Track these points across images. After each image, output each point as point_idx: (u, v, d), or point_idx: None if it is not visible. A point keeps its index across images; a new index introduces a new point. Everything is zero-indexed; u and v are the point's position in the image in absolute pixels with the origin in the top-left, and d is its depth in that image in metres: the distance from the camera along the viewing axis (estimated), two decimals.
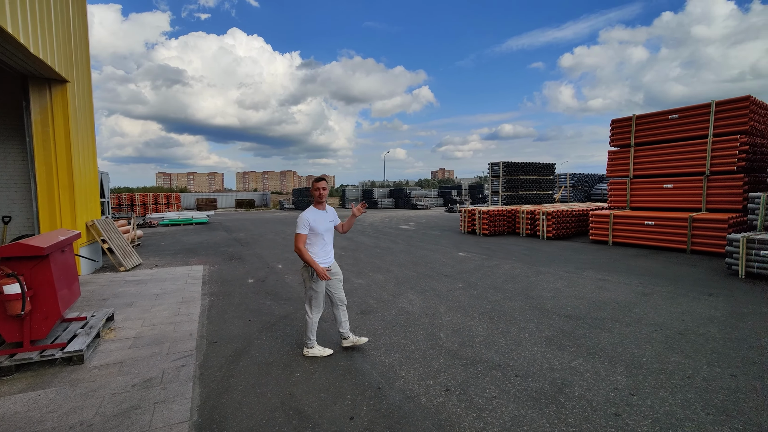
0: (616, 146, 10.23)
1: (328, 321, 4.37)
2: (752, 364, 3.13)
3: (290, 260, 8.27)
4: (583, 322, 4.19)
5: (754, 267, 5.93)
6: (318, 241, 3.28)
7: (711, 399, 2.63)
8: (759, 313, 4.32)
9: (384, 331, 4.01)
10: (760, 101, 8.21)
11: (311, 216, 3.27)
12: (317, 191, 3.29)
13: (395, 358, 3.37)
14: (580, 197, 22.53)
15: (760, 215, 6.73)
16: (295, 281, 6.32)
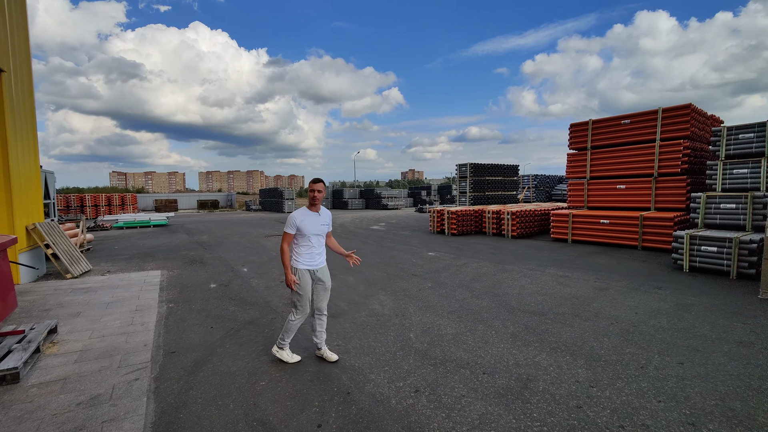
0: (575, 149, 10.76)
1: None
2: (696, 351, 3.37)
3: (256, 263, 7.99)
4: (545, 317, 4.34)
5: (696, 261, 6.43)
6: (304, 242, 3.18)
7: (662, 387, 2.80)
8: (701, 304, 4.68)
9: (354, 334, 3.95)
10: (699, 109, 8.95)
11: (300, 216, 3.16)
12: (312, 193, 3.20)
13: (365, 361, 3.32)
14: (542, 197, 23.56)
15: (701, 214, 7.33)
16: (261, 285, 6.10)
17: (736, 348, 3.42)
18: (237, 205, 40.33)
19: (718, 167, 7.43)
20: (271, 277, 6.62)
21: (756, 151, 7.06)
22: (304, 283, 3.14)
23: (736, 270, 5.96)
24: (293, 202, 29.57)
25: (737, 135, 7.28)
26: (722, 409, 2.50)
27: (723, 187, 7.39)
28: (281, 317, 4.52)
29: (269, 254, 9.13)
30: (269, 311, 4.76)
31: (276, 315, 4.61)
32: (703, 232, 6.60)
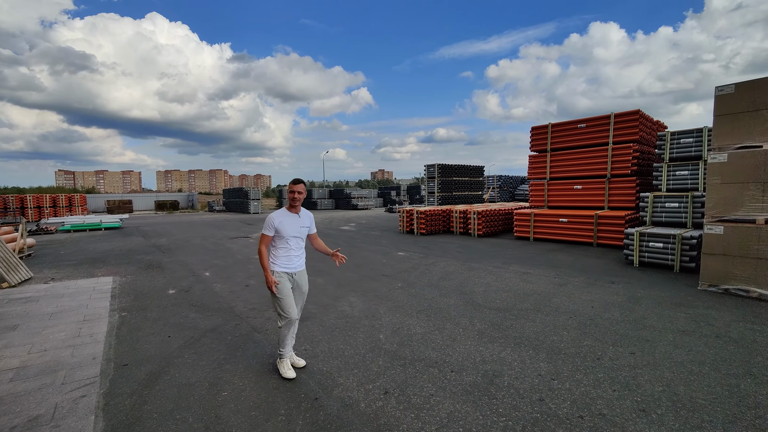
0: (536, 151, 11.24)
1: (262, 332, 4.11)
2: (646, 341, 3.61)
3: (220, 267, 7.66)
4: (510, 313, 4.48)
5: (645, 257, 6.91)
6: (282, 244, 3.06)
7: (616, 376, 2.97)
8: (650, 297, 5.03)
9: (323, 338, 3.88)
10: (646, 115, 9.63)
11: (279, 217, 3.04)
12: (292, 194, 3.07)
13: (334, 365, 3.27)
14: (506, 197, 24.44)
15: (649, 212, 7.90)
16: (225, 290, 5.85)
17: (679, 336, 3.70)
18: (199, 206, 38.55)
19: (663, 169, 8.04)
20: (235, 282, 6.36)
21: (695, 155, 7.71)
22: (283, 286, 3.01)
23: (680, 264, 6.47)
24: (259, 203, 28.71)
25: (679, 140, 7.91)
26: (668, 395, 2.69)
27: (668, 188, 8.00)
28: (246, 323, 4.35)
29: (234, 257, 8.79)
30: (233, 317, 4.57)
31: (240, 321, 4.43)
32: (650, 229, 7.11)
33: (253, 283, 6.24)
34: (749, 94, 4.92)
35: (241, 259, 8.44)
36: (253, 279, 6.51)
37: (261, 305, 5.00)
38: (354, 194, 33.44)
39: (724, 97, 5.12)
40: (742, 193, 4.93)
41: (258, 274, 6.86)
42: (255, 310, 4.82)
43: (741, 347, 3.42)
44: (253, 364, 3.33)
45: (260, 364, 3.31)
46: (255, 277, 6.62)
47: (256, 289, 5.86)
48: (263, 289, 5.80)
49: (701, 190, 7.45)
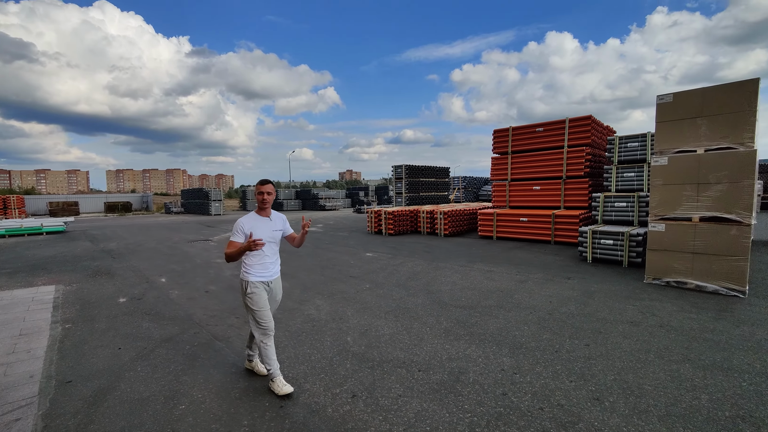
0: (498, 153, 11.66)
1: (223, 340, 3.93)
2: (599, 333, 3.84)
3: (177, 272, 7.25)
4: (474, 311, 4.61)
5: (597, 253, 7.37)
6: (256, 252, 2.84)
7: (573, 368, 3.13)
8: (602, 291, 5.37)
9: (289, 343, 3.77)
10: (598, 120, 10.29)
11: (249, 222, 2.83)
12: (261, 195, 2.85)
13: (300, 371, 3.19)
14: (471, 198, 25.16)
15: (600, 211, 8.43)
16: (182, 296, 5.54)
17: (628, 327, 3.97)
18: (154, 208, 36.35)
19: (613, 171, 8.62)
20: (194, 287, 6.05)
21: (640, 158, 8.33)
22: (257, 297, 2.80)
23: (628, 259, 6.96)
24: (221, 204, 27.55)
25: (626, 144, 8.52)
26: (619, 383, 2.88)
27: (617, 188, 8.59)
28: (206, 331, 4.15)
29: (193, 262, 8.36)
30: (191, 325, 4.33)
31: (200, 329, 4.21)
32: (601, 227, 7.59)
33: (214, 288, 5.97)
34: (685, 103, 5.39)
35: (201, 264, 8.05)
36: (214, 284, 6.22)
37: (222, 312, 4.79)
38: (322, 195, 33.00)
39: (664, 106, 5.57)
40: (680, 194, 5.39)
41: (219, 279, 6.57)
42: (216, 317, 4.61)
43: (681, 335, 3.73)
44: (214, 374, 3.17)
45: (222, 374, 3.16)
46: (216, 282, 6.33)
47: (217, 294, 5.60)
48: (225, 295, 5.56)
49: (646, 191, 8.06)
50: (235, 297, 5.42)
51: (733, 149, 4.99)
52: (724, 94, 5.08)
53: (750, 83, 4.91)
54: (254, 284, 2.82)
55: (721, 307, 4.53)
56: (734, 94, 5.00)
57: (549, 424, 2.41)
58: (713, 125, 5.14)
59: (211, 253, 9.44)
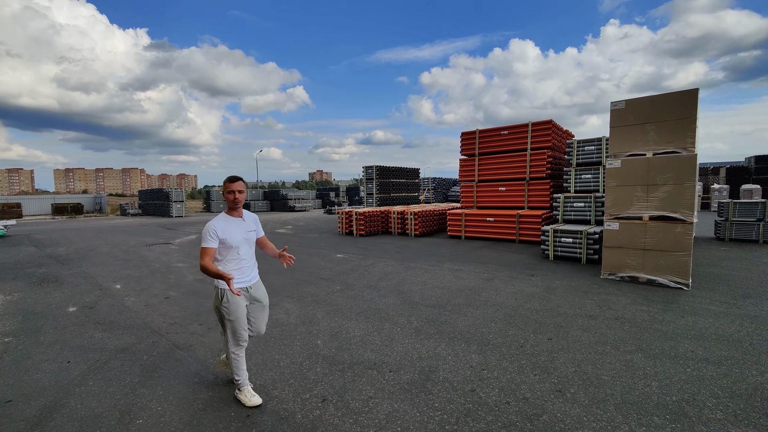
0: (465, 155, 11.95)
1: (185, 348, 3.74)
2: (560, 327, 4.03)
3: (134, 278, 6.83)
4: (444, 309, 4.68)
5: (558, 251, 7.74)
6: (231, 256, 2.63)
7: (537, 362, 3.26)
8: (563, 287, 5.63)
9: (256, 349, 3.65)
10: (558, 124, 10.81)
11: (221, 225, 2.59)
12: (232, 194, 2.61)
13: (268, 377, 3.09)
14: (440, 198, 25.63)
15: (560, 211, 8.86)
16: (139, 303, 5.22)
17: (587, 321, 4.20)
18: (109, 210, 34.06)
19: (572, 173, 9.08)
20: (152, 294, 5.72)
21: (596, 160, 8.83)
22: (235, 307, 2.61)
23: (586, 256, 7.36)
24: (183, 205, 26.29)
25: (584, 147, 9.01)
26: (579, 374, 3.03)
27: (575, 189, 9.06)
28: (166, 340, 3.93)
29: (151, 266, 7.90)
30: (150, 334, 4.09)
31: (159, 338, 3.98)
32: (562, 226, 7.98)
33: (175, 294, 5.67)
34: (636, 109, 5.79)
35: (160, 268, 7.63)
36: (174, 290, 5.92)
37: (184, 319, 4.56)
38: (291, 195, 32.34)
39: (617, 112, 5.95)
40: (631, 194, 5.77)
41: (181, 284, 6.25)
42: (176, 324, 4.38)
43: (634, 326, 3.99)
44: (175, 385, 3.01)
45: (184, 385, 3.00)
46: (176, 288, 6.02)
47: (177, 301, 5.33)
48: (186, 301, 5.30)
49: (601, 192, 8.56)
50: (198, 303, 5.18)
51: (678, 153, 5.41)
52: (669, 102, 5.49)
53: (690, 93, 5.35)
54: (230, 292, 2.59)
55: (668, 299, 4.90)
56: (677, 103, 5.42)
57: (515, 417, 2.50)
58: (660, 131, 5.55)
59: (172, 257, 8.97)
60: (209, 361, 3.39)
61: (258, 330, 2.85)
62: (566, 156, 9.42)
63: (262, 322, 2.87)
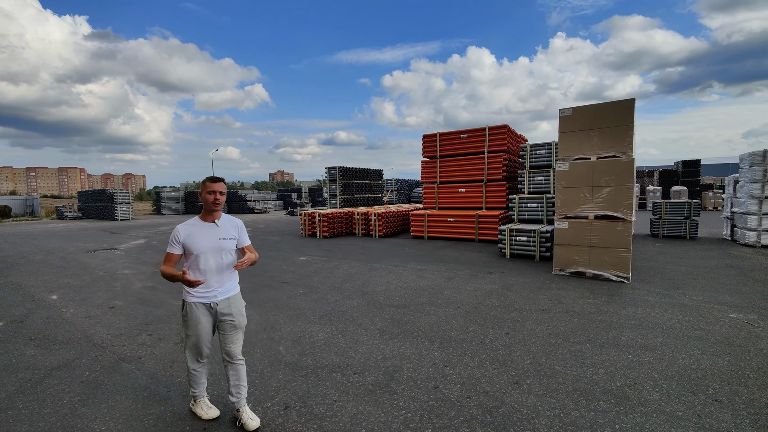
0: (427, 157, 12.20)
1: (132, 361, 3.48)
2: (516, 322, 4.23)
3: (73, 288, 6.23)
4: (408, 309, 4.75)
5: (514, 249, 8.12)
6: (194, 265, 2.34)
7: (496, 356, 3.40)
8: (518, 283, 5.92)
9: (212, 359, 3.46)
10: (512, 129, 11.36)
11: (186, 229, 2.34)
12: (212, 195, 2.34)
13: (225, 387, 2.95)
14: (403, 199, 25.95)
15: (516, 211, 9.31)
16: (79, 315, 4.78)
17: (541, 315, 4.44)
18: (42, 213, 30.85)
19: (525, 175, 9.58)
20: (95, 304, 5.26)
21: (547, 163, 9.39)
22: (194, 322, 2.36)
23: (539, 254, 7.79)
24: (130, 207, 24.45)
25: (536, 151, 9.54)
26: (534, 366, 3.20)
27: (529, 191, 9.57)
28: (111, 353, 3.63)
29: (93, 274, 7.27)
30: (92, 348, 3.76)
31: (102, 351, 3.67)
32: (517, 226, 8.39)
33: (120, 303, 5.26)
34: (581, 116, 6.23)
35: (104, 276, 7.03)
36: (120, 299, 5.48)
37: (131, 330, 4.24)
38: (250, 197, 31.17)
39: (565, 118, 6.36)
40: (578, 195, 6.20)
41: (128, 292, 5.80)
42: (123, 336, 4.06)
43: (582, 318, 4.28)
44: (122, 401, 2.78)
45: (131, 400, 2.79)
46: (123, 297, 5.59)
47: (124, 310, 4.94)
48: (134, 310, 4.93)
49: (552, 193, 9.11)
50: (147, 312, 4.83)
51: (618, 157, 5.89)
52: (610, 110, 5.97)
53: (628, 102, 5.86)
54: (191, 306, 2.36)
55: (611, 292, 5.31)
56: (617, 111, 5.91)
57: (476, 411, 2.58)
58: (603, 136, 6.02)
59: (117, 264, 8.31)
60: (160, 374, 3.18)
61: (228, 351, 2.46)
62: (520, 159, 9.92)
63: (233, 344, 2.46)
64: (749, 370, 3.05)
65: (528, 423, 2.44)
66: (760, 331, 3.81)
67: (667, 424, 2.39)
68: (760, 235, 8.67)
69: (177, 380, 3.07)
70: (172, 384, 3.01)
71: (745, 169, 9.27)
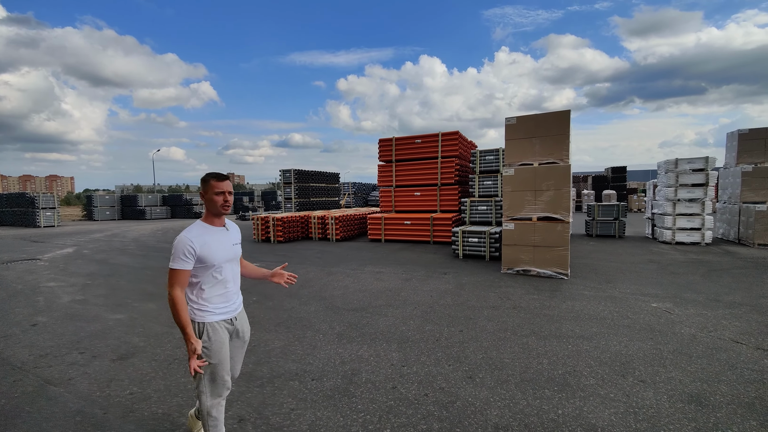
0: (383, 161, 12.35)
1: (61, 384, 3.13)
2: (469, 319, 4.43)
3: None
4: (366, 312, 4.77)
5: (467, 250, 8.48)
6: (210, 278, 1.98)
7: (450, 353, 3.53)
8: (471, 283, 6.19)
9: (156, 374, 3.23)
10: (464, 136, 11.88)
11: (199, 237, 1.92)
12: (221, 196, 1.97)
13: (173, 404, 2.76)
14: (360, 203, 25.97)
15: (467, 214, 9.73)
16: None
17: (491, 311, 4.69)
18: None
19: (476, 180, 10.06)
20: (13, 321, 4.65)
21: (495, 168, 9.94)
22: (219, 345, 1.98)
23: (489, 254, 8.21)
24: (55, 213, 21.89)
25: (485, 157, 10.06)
26: (486, 360, 3.37)
27: (479, 194, 10.05)
28: (33, 376, 3.23)
29: (11, 289, 6.41)
30: (9, 371, 3.32)
31: (24, 375, 3.26)
32: (469, 228, 8.78)
33: (44, 320, 4.70)
34: (525, 125, 6.69)
35: (23, 290, 6.24)
36: (44, 315, 4.90)
37: (59, 348, 3.81)
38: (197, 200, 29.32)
39: (510, 126, 6.80)
40: (523, 199, 6.64)
41: (53, 307, 5.20)
42: (48, 356, 3.64)
43: (528, 313, 4.59)
44: (49, 428, 2.49)
45: (61, 428, 2.51)
46: (47, 312, 5.00)
47: (49, 327, 4.43)
48: (62, 326, 4.44)
49: (500, 196, 9.66)
50: (77, 328, 4.37)
51: (557, 164, 6.40)
52: (549, 120, 6.49)
53: (564, 113, 6.40)
54: (213, 327, 1.98)
55: (553, 288, 5.75)
56: (555, 121, 6.44)
57: (433, 407, 2.67)
58: (543, 144, 6.52)
59: (40, 276, 7.40)
60: (95, 395, 2.89)
61: (234, 373, 2.22)
62: (471, 164, 10.41)
63: (239, 363, 2.24)
64: (667, 352, 3.46)
65: (480, 415, 2.56)
66: (675, 318, 4.34)
67: (602, 405, 2.64)
68: (674, 233, 9.87)
69: (115, 400, 2.81)
70: (110, 405, 2.75)
71: (662, 175, 10.52)
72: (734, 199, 10.02)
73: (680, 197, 9.84)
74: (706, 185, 9.65)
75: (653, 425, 2.41)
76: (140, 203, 27.73)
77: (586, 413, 2.55)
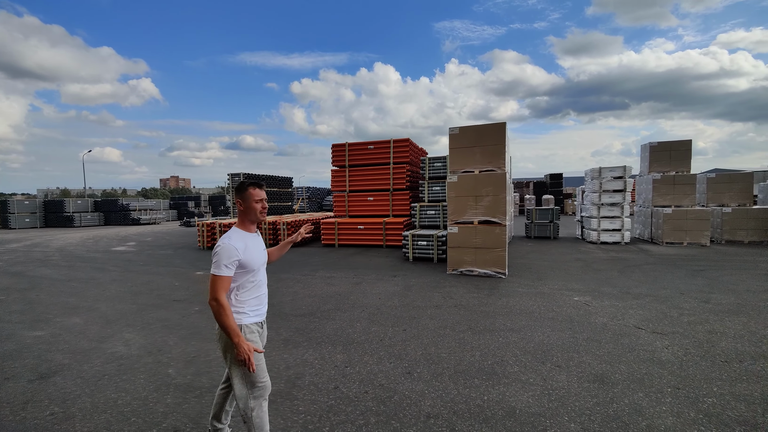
0: (337, 166, 12.41)
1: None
2: (413, 319, 4.64)
3: None
4: (314, 317, 4.81)
5: (416, 253, 8.79)
6: (248, 283, 2.04)
7: (392, 351, 3.70)
8: (418, 284, 6.46)
9: (82, 392, 3.04)
10: (414, 143, 12.31)
11: (241, 243, 1.98)
12: (259, 203, 2.06)
13: (101, 421, 2.63)
14: (315, 208, 25.68)
15: (417, 218, 10.09)
16: None
17: (434, 310, 4.95)
18: None
19: (425, 185, 10.47)
20: None
21: (443, 175, 10.42)
22: (258, 346, 2.05)
23: (437, 256, 8.59)
24: None
25: (434, 163, 10.52)
26: (425, 356, 3.58)
27: (428, 199, 10.47)
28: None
29: None
30: None
31: None
32: (418, 231, 9.12)
33: None
34: (467, 135, 7.15)
35: None
36: None
37: None
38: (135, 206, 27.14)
39: (454, 136, 7.22)
40: (466, 204, 7.08)
41: None
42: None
43: (467, 311, 4.91)
44: None
45: None
46: None
47: None
48: None
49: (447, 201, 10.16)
50: None
51: (494, 171, 6.91)
52: (488, 130, 7.00)
53: (500, 125, 6.94)
54: (250, 329, 2.03)
55: (492, 286, 6.18)
56: (493, 132, 6.96)
57: (371, 403, 2.80)
58: (483, 153, 7.01)
59: None
60: (7, 419, 2.66)
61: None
62: (421, 170, 10.82)
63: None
64: (582, 339, 3.92)
65: (415, 406, 2.75)
66: (592, 309, 4.90)
67: (522, 390, 2.95)
68: (599, 234, 10.99)
69: (32, 423, 2.61)
70: (25, 428, 2.56)
71: (588, 182, 11.69)
72: (647, 203, 11.40)
73: (603, 202, 10.99)
74: (625, 191, 10.89)
75: (563, 403, 2.75)
76: (68, 209, 25.08)
77: (507, 397, 2.84)
